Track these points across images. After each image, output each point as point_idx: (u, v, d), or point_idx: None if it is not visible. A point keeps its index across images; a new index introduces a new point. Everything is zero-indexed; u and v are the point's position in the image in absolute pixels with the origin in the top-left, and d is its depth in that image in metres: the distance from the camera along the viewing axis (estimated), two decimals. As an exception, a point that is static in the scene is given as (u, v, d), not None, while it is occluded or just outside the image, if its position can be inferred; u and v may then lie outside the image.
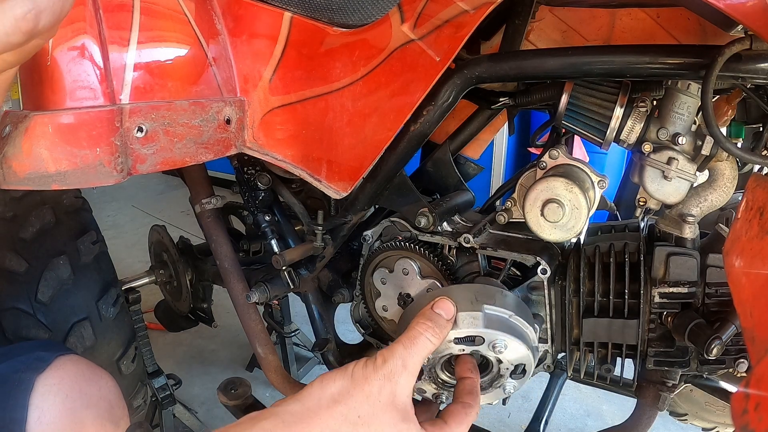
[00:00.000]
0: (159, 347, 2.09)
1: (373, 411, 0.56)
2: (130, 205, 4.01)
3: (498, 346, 0.68)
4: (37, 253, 1.11)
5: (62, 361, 0.72)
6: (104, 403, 0.75)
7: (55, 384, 0.69)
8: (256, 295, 1.09)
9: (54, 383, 0.69)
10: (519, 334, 0.69)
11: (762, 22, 0.57)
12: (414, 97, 0.78)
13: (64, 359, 0.73)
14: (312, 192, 1.24)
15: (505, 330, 0.68)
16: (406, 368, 0.59)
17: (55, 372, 0.70)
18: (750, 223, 0.59)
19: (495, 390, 0.74)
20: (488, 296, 0.71)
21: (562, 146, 0.83)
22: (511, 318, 0.70)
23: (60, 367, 0.71)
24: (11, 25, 0.43)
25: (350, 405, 0.56)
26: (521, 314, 0.72)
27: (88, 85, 0.70)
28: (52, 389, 0.68)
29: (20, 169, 0.67)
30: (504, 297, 0.73)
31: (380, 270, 0.93)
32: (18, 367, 0.69)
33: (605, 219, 1.14)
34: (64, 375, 0.71)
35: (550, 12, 0.98)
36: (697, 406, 1.23)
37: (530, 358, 0.70)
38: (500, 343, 0.68)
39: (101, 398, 0.75)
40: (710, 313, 0.78)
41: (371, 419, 0.56)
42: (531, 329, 0.72)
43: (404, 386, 0.58)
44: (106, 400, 0.75)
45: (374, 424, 0.56)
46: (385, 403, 0.57)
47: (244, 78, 0.90)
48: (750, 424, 0.40)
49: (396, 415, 0.57)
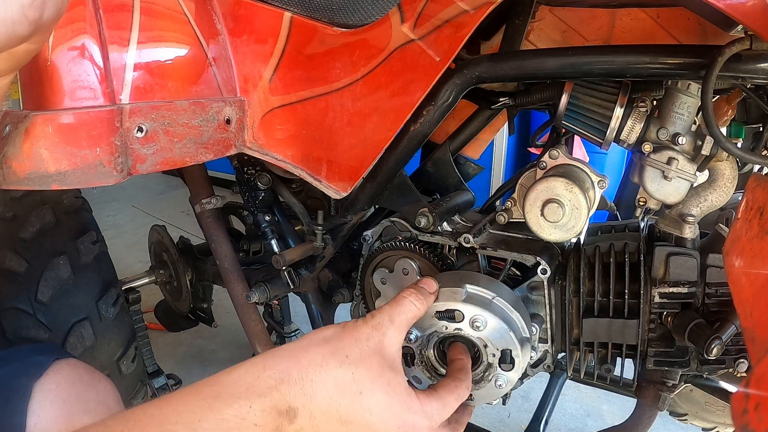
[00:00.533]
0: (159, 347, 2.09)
1: (361, 354, 0.58)
2: (130, 205, 4.01)
3: (478, 322, 0.70)
4: (37, 253, 1.11)
5: (60, 366, 0.72)
6: (102, 408, 0.74)
7: (52, 389, 0.68)
8: (256, 295, 1.09)
9: (51, 388, 0.68)
10: (501, 315, 0.71)
11: (762, 22, 0.57)
12: (414, 97, 0.78)
13: (61, 363, 0.72)
14: (312, 192, 1.24)
15: (485, 308, 0.71)
16: (393, 323, 0.62)
17: (52, 377, 0.69)
18: (750, 223, 0.59)
19: (488, 384, 0.75)
20: (473, 279, 0.75)
21: (562, 146, 0.83)
22: (494, 300, 0.73)
23: (57, 371, 0.71)
24: (18, 12, 0.43)
25: (338, 345, 0.58)
26: (510, 300, 0.74)
27: (88, 85, 0.70)
28: (49, 395, 0.67)
29: (20, 169, 0.67)
30: (490, 282, 0.76)
31: (380, 270, 0.93)
32: (15, 373, 0.69)
33: (605, 219, 1.14)
34: (62, 380, 0.70)
35: (550, 12, 0.98)
36: (697, 406, 1.23)
37: (515, 343, 0.71)
38: (480, 320, 0.70)
39: (99, 403, 0.74)
40: (710, 313, 0.78)
41: (358, 361, 0.57)
42: (517, 315, 0.73)
43: (392, 338, 0.61)
44: (105, 404, 0.75)
45: (361, 366, 0.57)
46: (373, 349, 0.59)
47: (244, 78, 0.90)
48: (750, 424, 0.40)
49: (383, 361, 0.59)
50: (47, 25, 0.47)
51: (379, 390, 0.57)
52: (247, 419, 0.50)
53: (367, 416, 0.56)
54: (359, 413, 0.56)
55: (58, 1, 0.46)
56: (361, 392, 0.56)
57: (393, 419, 0.57)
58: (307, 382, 0.54)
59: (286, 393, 0.53)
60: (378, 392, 0.57)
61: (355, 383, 0.56)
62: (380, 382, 0.57)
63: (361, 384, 0.56)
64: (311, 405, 0.54)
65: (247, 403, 0.51)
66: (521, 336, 0.73)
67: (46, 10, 0.45)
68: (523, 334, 0.74)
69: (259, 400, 0.51)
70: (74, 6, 0.70)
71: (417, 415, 0.59)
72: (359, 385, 0.56)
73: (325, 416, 0.55)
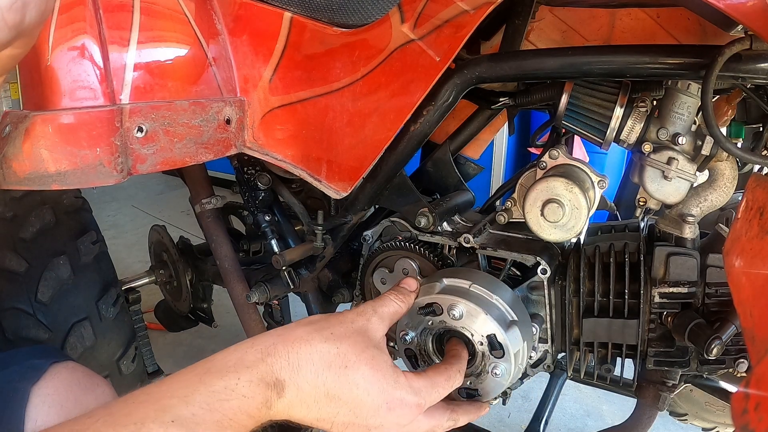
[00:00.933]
0: (159, 347, 2.09)
1: (345, 331, 0.60)
2: (130, 205, 4.01)
3: (454, 310, 0.72)
4: (37, 253, 1.11)
5: (57, 369, 0.71)
6: None
7: (50, 394, 0.67)
8: (256, 295, 1.09)
9: (49, 393, 0.67)
10: (478, 301, 0.73)
11: (762, 22, 0.57)
12: (414, 97, 0.78)
13: (59, 367, 0.71)
14: (312, 192, 1.24)
15: (460, 296, 0.72)
16: (376, 312, 0.65)
17: (50, 381, 0.69)
18: (750, 223, 0.59)
19: (487, 376, 0.75)
20: (452, 272, 0.77)
21: (562, 146, 0.83)
22: (470, 287, 0.75)
23: (55, 375, 0.70)
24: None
25: (323, 325, 0.60)
26: (488, 286, 0.75)
27: (88, 85, 0.70)
28: (47, 399, 0.67)
29: (20, 169, 0.67)
30: (468, 272, 0.78)
31: (380, 270, 0.93)
32: (11, 378, 0.68)
33: (605, 219, 1.14)
34: (59, 384, 0.69)
35: (550, 12, 0.98)
36: (697, 406, 1.23)
37: (496, 326, 0.72)
38: (456, 309, 0.72)
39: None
40: (710, 313, 0.78)
41: (343, 337, 0.59)
42: (498, 299, 0.74)
43: (375, 324, 0.63)
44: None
45: (345, 341, 0.59)
46: (357, 329, 0.61)
47: (244, 78, 0.90)
48: (750, 424, 0.40)
49: (367, 340, 0.61)
50: (31, 29, 0.46)
51: (363, 364, 0.58)
52: (236, 390, 0.51)
53: (354, 391, 0.57)
54: (346, 387, 0.57)
55: (40, 3, 0.45)
56: (346, 366, 0.57)
57: (380, 394, 0.58)
58: (293, 355, 0.56)
59: (272, 365, 0.54)
60: (363, 366, 0.58)
61: (339, 357, 0.57)
62: (364, 356, 0.58)
63: (346, 358, 0.58)
64: (297, 377, 0.55)
65: (235, 376, 0.52)
66: (506, 319, 0.74)
67: (28, 14, 0.43)
68: (508, 317, 0.74)
69: (246, 372, 0.53)
70: (74, 6, 0.70)
71: (404, 390, 0.60)
72: (344, 359, 0.57)
73: (312, 390, 0.56)
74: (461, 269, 0.83)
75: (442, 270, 0.85)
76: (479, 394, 0.76)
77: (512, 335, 0.72)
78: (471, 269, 0.81)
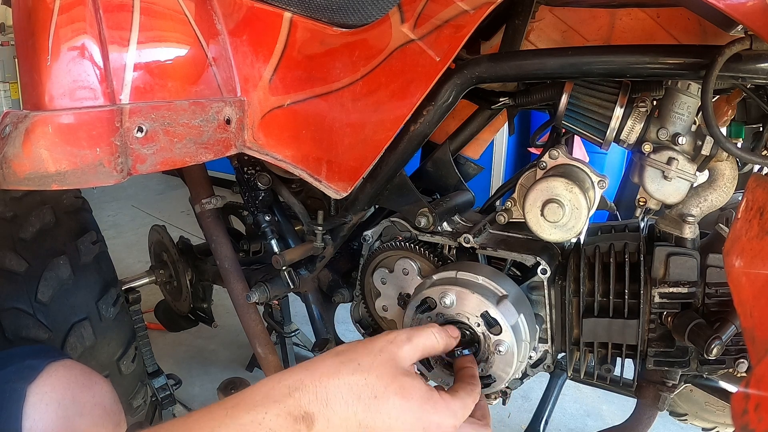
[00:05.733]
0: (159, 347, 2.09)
1: (372, 362, 0.59)
2: (130, 205, 4.01)
3: (445, 298, 0.75)
4: (37, 253, 1.11)
5: (54, 368, 0.71)
6: (99, 410, 0.73)
7: (47, 393, 0.68)
8: (256, 295, 1.09)
9: (46, 392, 0.68)
10: (464, 284, 0.76)
11: (762, 22, 0.57)
12: (414, 97, 0.78)
13: (56, 366, 0.71)
14: (312, 192, 1.24)
15: (447, 284, 0.76)
16: (410, 341, 0.63)
17: (47, 380, 0.69)
18: (750, 223, 0.59)
19: (494, 356, 0.76)
20: (441, 269, 0.81)
21: (562, 146, 0.84)
22: (457, 274, 0.78)
23: (52, 374, 0.70)
24: None
25: (351, 356, 0.60)
26: (472, 269, 0.79)
27: (88, 85, 0.70)
28: (44, 398, 0.67)
29: (20, 169, 0.67)
30: (458, 264, 0.82)
31: (380, 270, 0.93)
32: (8, 377, 0.68)
33: (605, 219, 1.14)
34: (56, 383, 0.70)
35: (550, 12, 0.98)
36: (697, 406, 1.23)
37: (485, 302, 0.74)
38: (448, 297, 0.75)
39: (95, 405, 0.73)
40: (710, 313, 0.78)
41: (370, 368, 0.58)
42: (484, 278, 0.77)
43: (406, 353, 0.62)
44: (101, 406, 0.74)
45: (372, 372, 0.58)
46: (385, 359, 0.60)
47: (244, 78, 0.90)
48: (750, 424, 0.40)
49: (396, 369, 0.60)
50: None
51: (393, 394, 0.58)
52: (263, 424, 0.52)
53: (387, 420, 0.57)
54: (378, 418, 0.57)
55: None
56: (376, 396, 0.57)
57: (416, 421, 0.58)
58: (321, 389, 0.56)
59: (300, 399, 0.55)
60: (392, 396, 0.58)
61: (368, 388, 0.57)
62: (394, 387, 0.58)
63: (375, 389, 0.57)
64: (327, 411, 0.55)
65: (263, 410, 0.53)
66: (495, 294, 0.76)
67: None
68: (497, 293, 0.77)
69: (274, 407, 0.54)
70: (74, 6, 0.70)
71: (443, 413, 0.60)
72: (373, 390, 0.57)
73: (343, 422, 0.56)
74: (449, 264, 0.85)
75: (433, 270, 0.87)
76: (493, 379, 0.77)
77: (504, 308, 0.74)
78: (459, 262, 0.83)
